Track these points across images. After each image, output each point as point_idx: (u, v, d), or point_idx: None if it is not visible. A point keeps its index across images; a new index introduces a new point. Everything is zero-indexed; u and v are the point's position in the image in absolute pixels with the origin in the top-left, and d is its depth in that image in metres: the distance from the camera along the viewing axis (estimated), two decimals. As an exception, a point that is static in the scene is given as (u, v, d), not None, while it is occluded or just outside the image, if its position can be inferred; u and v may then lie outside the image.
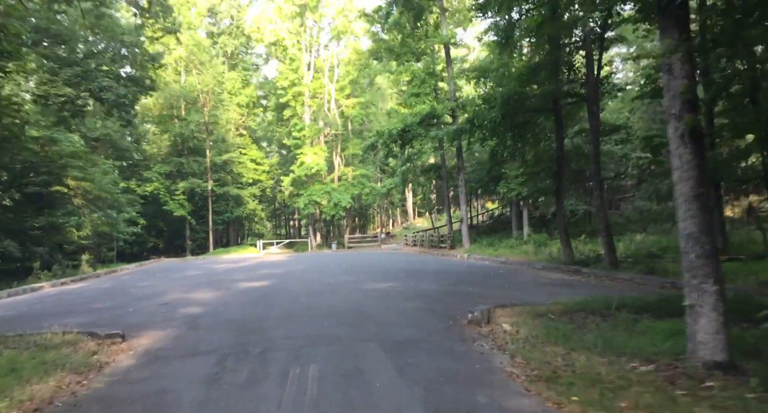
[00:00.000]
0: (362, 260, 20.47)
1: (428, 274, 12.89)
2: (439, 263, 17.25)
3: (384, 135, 23.51)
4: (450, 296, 8.41)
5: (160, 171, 33.58)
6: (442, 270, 14.11)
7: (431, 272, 13.35)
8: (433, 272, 13.63)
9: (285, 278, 12.64)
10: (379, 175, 42.14)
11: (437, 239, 27.73)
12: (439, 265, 16.42)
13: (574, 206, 21.33)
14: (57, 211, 18.27)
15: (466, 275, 12.55)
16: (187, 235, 35.89)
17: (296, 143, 35.49)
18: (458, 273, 12.99)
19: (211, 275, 14.79)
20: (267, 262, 21.31)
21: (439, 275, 12.40)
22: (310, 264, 18.34)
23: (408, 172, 28.51)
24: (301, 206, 34.06)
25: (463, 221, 24.59)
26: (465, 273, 12.99)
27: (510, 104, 12.16)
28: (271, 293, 9.79)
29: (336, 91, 36.78)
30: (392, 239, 42.46)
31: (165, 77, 33.66)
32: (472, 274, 12.75)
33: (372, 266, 16.24)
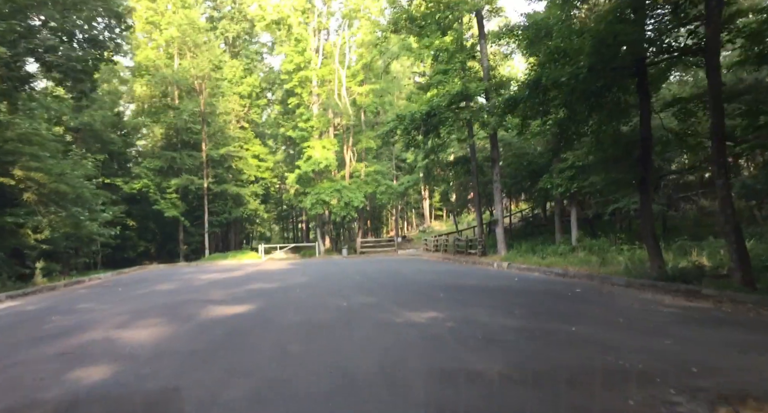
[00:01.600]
0: (380, 269, 17.09)
1: (475, 293, 9.48)
2: (477, 275, 13.81)
3: (405, 120, 20.15)
4: (547, 347, 4.98)
5: (149, 166, 30.53)
6: (490, 287, 10.66)
7: (478, 291, 9.93)
8: (480, 289, 10.20)
9: (277, 300, 9.29)
10: (395, 172, 38.77)
11: (465, 244, 24.28)
12: (478, 278, 12.98)
13: (629, 204, 17.69)
14: (16, 209, 15.21)
15: (530, 296, 9.11)
16: (180, 238, 32.80)
17: (302, 135, 32.23)
18: (516, 293, 9.55)
19: (183, 291, 11.52)
20: (264, 272, 18.02)
21: (492, 297, 8.97)
22: (316, 275, 15.00)
23: (431, 166, 25.06)
24: (307, 206, 30.77)
25: (499, 223, 21.15)
26: (526, 293, 9.55)
27: (602, 53, 8.72)
28: (248, 329, 6.44)
29: (347, 78, 33.52)
30: (409, 244, 39.05)
31: (155, 60, 30.68)
32: (537, 294, 9.30)
33: (394, 279, 12.85)
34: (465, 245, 24.34)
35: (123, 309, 8.55)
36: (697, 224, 19.25)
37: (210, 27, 38.91)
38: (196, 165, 32.63)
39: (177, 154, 31.54)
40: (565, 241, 19.97)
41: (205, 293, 10.70)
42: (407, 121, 20.15)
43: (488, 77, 20.52)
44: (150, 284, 14.27)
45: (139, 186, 29.98)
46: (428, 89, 22.24)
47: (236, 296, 9.99)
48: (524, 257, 18.55)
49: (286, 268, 19.80)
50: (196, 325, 6.71)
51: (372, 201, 36.22)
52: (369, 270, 16.58)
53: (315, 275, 14.87)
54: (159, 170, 31.57)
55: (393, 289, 10.47)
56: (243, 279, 14.33)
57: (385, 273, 15.04)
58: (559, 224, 21.57)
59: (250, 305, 8.46)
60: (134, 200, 33.10)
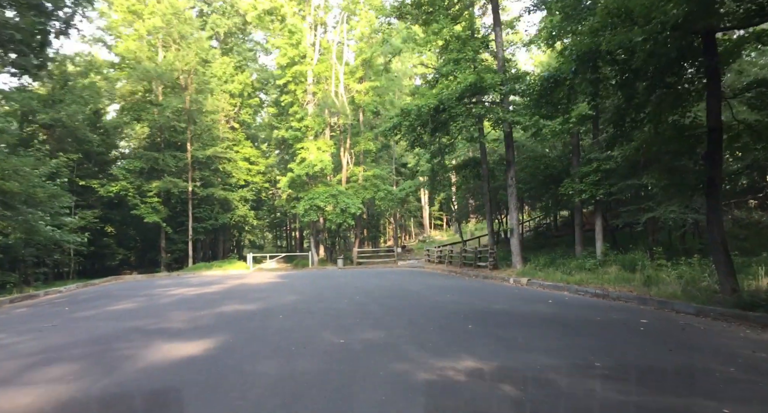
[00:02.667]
0: (382, 285, 14.82)
1: (513, 324, 7.26)
2: (499, 295, 11.57)
3: (411, 114, 18.01)
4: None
5: (128, 168, 28.24)
6: (526, 315, 8.45)
7: (515, 320, 7.71)
8: (516, 318, 7.97)
9: (251, 331, 7.03)
10: (395, 177, 36.59)
11: (473, 256, 22.07)
12: (503, 299, 10.74)
13: (677, 215, 15.44)
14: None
15: (590, 330, 6.88)
16: (162, 246, 30.43)
17: (296, 136, 30.01)
18: (567, 325, 7.31)
19: (139, 314, 9.25)
20: (248, 286, 15.72)
21: (540, 332, 6.72)
22: (307, 292, 12.73)
23: (438, 169, 22.88)
24: (300, 212, 28.49)
25: (514, 233, 18.99)
26: (580, 325, 7.31)
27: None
28: (190, 395, 4.14)
29: (345, 75, 31.42)
30: (409, 255, 36.80)
31: (137, 52, 28.48)
32: (596, 327, 7.08)
33: (402, 300, 10.60)
34: (473, 257, 22.15)
35: (31, 347, 6.25)
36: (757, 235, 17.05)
37: (200, 22, 36.86)
38: (180, 167, 30.36)
39: (159, 155, 29.26)
40: (588, 254, 17.83)
41: (164, 318, 8.43)
42: (413, 116, 18.02)
43: (503, 69, 18.48)
44: (108, 301, 11.98)
45: (116, 189, 27.67)
46: (435, 84, 20.15)
47: (200, 324, 7.72)
48: (545, 273, 16.38)
49: (274, 282, 17.51)
50: (112, 385, 4.41)
51: (370, 208, 34.01)
52: (370, 286, 14.31)
53: (306, 293, 12.60)
54: (140, 171, 29.29)
55: (404, 316, 8.23)
56: (219, 297, 12.04)
57: (389, 291, 12.79)
58: (580, 235, 19.39)
59: (210, 342, 6.19)
60: (113, 204, 30.82)
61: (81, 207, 27.73)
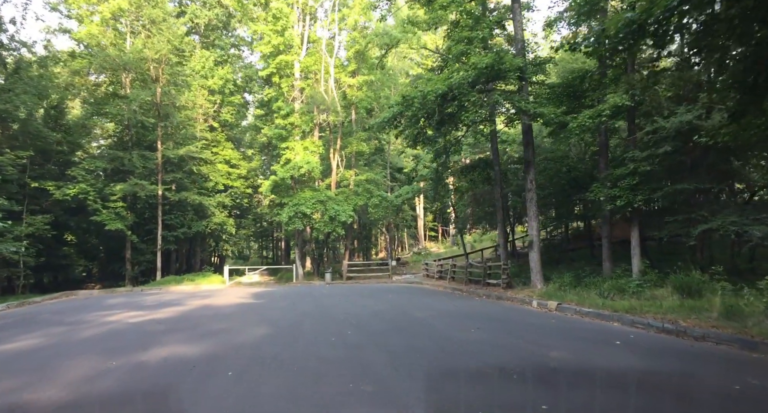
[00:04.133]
0: (378, 309, 11.89)
1: (612, 401, 4.42)
2: (536, 329, 8.72)
3: (414, 103, 15.23)
4: None
5: (88, 168, 25.13)
6: (612, 372, 5.63)
7: (603, 387, 4.87)
8: (601, 382, 5.13)
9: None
10: (389, 183, 33.74)
11: (482, 272, 19.25)
12: (548, 338, 7.88)
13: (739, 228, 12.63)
14: None
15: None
16: (127, 257, 27.22)
17: (280, 134, 27.06)
18: (696, 400, 4.49)
19: (19, 363, 6.28)
20: (210, 310, 12.74)
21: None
22: (281, 322, 9.80)
23: (442, 171, 20.05)
24: (283, 220, 25.48)
25: (534, 246, 16.22)
26: (712, 402, 4.50)
27: None
28: None
29: (336, 69, 28.68)
30: (404, 268, 33.87)
31: (99, 38, 25.52)
32: (740, 406, 4.26)
33: (411, 339, 7.70)
34: (482, 274, 19.32)
35: None
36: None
37: (177, 11, 34.01)
38: (149, 168, 27.28)
39: (125, 154, 26.19)
40: (622, 272, 15.03)
41: (45, 376, 5.48)
42: (416, 105, 15.23)
43: (522, 52, 15.85)
44: (9, 335, 8.97)
45: (74, 192, 24.51)
46: (442, 71, 17.45)
47: (84, 393, 4.77)
48: (577, 295, 13.61)
49: (245, 303, 14.51)
50: None
51: (362, 217, 31.12)
52: (363, 313, 11.39)
53: (280, 324, 9.65)
54: (102, 173, 26.22)
55: (418, 370, 5.34)
56: (162, 329, 9.07)
57: (389, 321, 9.89)
58: (609, 250, 16.64)
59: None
60: (73, 210, 27.63)
61: (35, 212, 24.57)
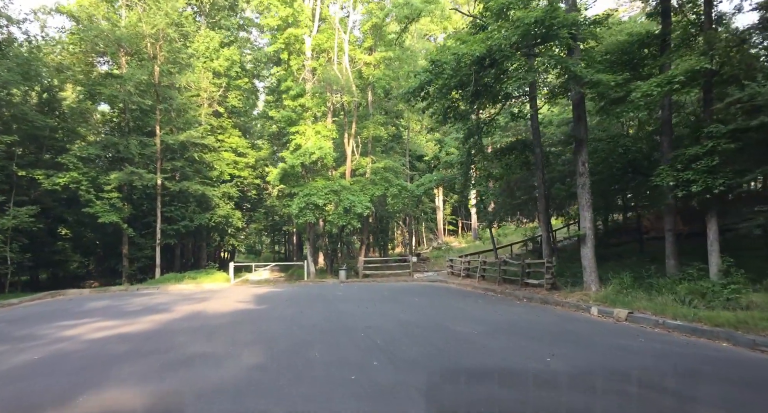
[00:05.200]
0: (409, 322, 9.48)
1: None
2: (635, 357, 6.27)
3: (446, 69, 12.75)
4: None
5: (80, 155, 23.04)
6: None
7: None
8: None
9: None
10: (409, 172, 31.25)
11: (519, 270, 16.80)
12: (680, 381, 5.43)
13: None
14: None
15: None
16: (124, 252, 25.18)
17: (289, 118, 24.70)
18: None
19: None
20: (200, 319, 10.48)
21: None
22: (282, 345, 7.46)
23: (476, 153, 17.52)
24: (293, 211, 23.18)
25: (588, 240, 13.70)
26: None
27: None
28: None
29: (351, 46, 26.19)
30: (424, 264, 31.43)
31: (91, 10, 23.35)
32: None
33: (461, 370, 5.30)
34: (519, 272, 16.87)
35: None
36: None
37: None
38: (147, 156, 25.17)
39: (120, 140, 24.06)
40: (696, 272, 12.44)
41: None
42: (448, 71, 12.76)
43: (573, 10, 13.31)
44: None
45: (64, 181, 22.46)
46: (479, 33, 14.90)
47: None
48: (649, 301, 11.14)
49: (245, 310, 12.23)
50: None
51: (379, 208, 28.72)
52: (388, 325, 9.01)
53: (280, 344, 7.32)
54: (97, 160, 24.15)
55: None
56: (121, 352, 6.80)
57: (423, 337, 7.52)
58: (674, 245, 14.03)
59: None
60: (68, 201, 25.68)
61: (23, 204, 22.60)
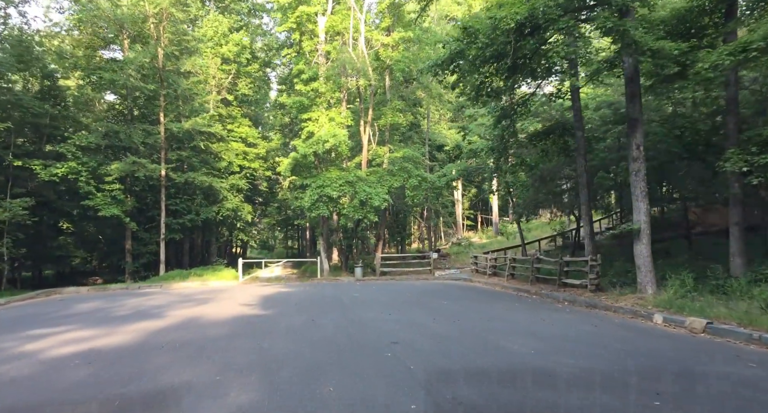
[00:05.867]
0: (441, 332, 7.80)
1: None
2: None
3: (479, 37, 11.00)
4: None
5: (79, 143, 21.72)
6: None
7: None
8: None
9: None
10: (429, 163, 29.51)
11: (557, 268, 15.04)
12: None
13: None
14: None
15: None
16: (127, 248, 23.87)
17: (301, 103, 23.11)
18: None
19: None
20: (195, 327, 8.96)
21: None
22: (290, 367, 5.85)
23: (508, 137, 15.74)
24: (306, 204, 21.62)
25: (643, 235, 11.90)
26: None
27: None
28: None
29: (367, 28, 24.49)
30: (445, 261, 29.73)
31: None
32: None
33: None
34: (557, 271, 15.10)
35: None
36: None
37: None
38: (150, 145, 23.79)
39: (121, 127, 22.70)
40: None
41: None
42: (483, 40, 11.00)
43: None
44: None
45: (62, 171, 21.19)
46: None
47: None
48: (726, 308, 9.35)
49: (248, 317, 10.68)
50: None
51: (396, 201, 27.06)
52: (419, 339, 7.35)
53: (282, 373, 5.69)
54: (96, 149, 22.79)
55: None
56: (76, 380, 5.25)
57: (468, 359, 5.84)
58: (741, 241, 12.16)
59: None
60: (69, 193, 24.44)
61: (19, 196, 21.35)
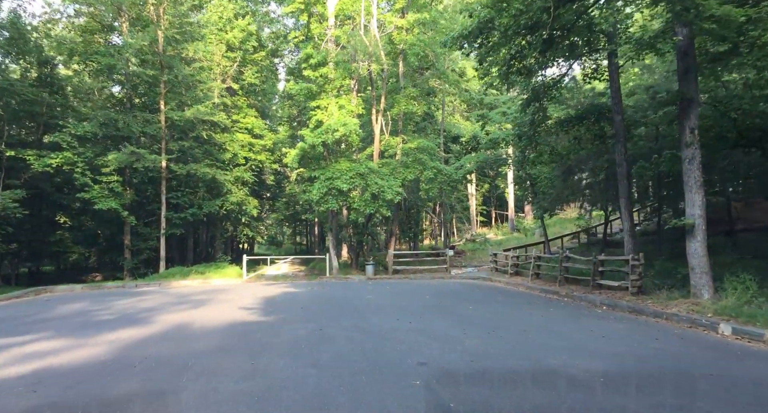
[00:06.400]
0: (478, 349, 6.41)
1: None
2: None
3: (512, 4, 9.57)
4: None
5: (75, 132, 20.54)
6: None
7: None
8: None
9: None
10: (444, 155, 28.06)
11: (590, 268, 13.62)
12: None
13: None
14: None
15: None
16: (126, 243, 22.71)
17: (308, 90, 21.76)
18: None
19: None
20: (181, 337, 7.68)
21: None
22: (292, 405, 4.53)
23: (539, 121, 14.26)
24: (314, 197, 20.28)
25: (698, 231, 10.44)
26: None
27: None
28: None
29: (379, 10, 23.07)
30: (460, 258, 28.30)
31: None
32: None
33: None
34: (591, 271, 13.68)
35: None
36: None
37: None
38: (151, 135, 22.58)
39: (119, 115, 21.50)
40: None
41: None
42: (517, 6, 9.58)
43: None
44: None
45: (56, 162, 20.05)
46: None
47: None
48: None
49: (246, 324, 9.38)
50: None
51: (409, 195, 25.68)
52: (453, 358, 5.98)
53: (281, 406, 4.36)
54: (93, 139, 21.62)
55: None
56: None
57: (520, 390, 4.46)
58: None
59: None
60: (66, 186, 23.33)
61: (14, 188, 20.24)
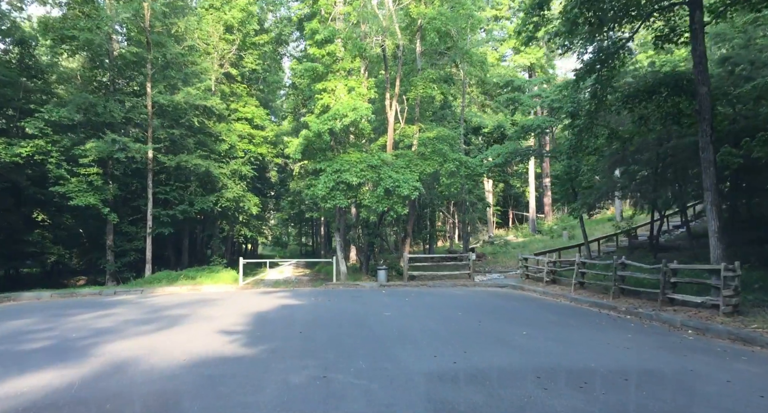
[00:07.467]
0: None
1: None
2: None
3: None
4: None
5: (49, 118, 18.13)
6: None
7: None
8: None
9: None
10: (465, 147, 25.44)
11: (659, 279, 11.03)
12: None
13: None
14: None
15: None
16: (108, 244, 20.29)
17: (314, 70, 19.26)
18: None
19: None
20: (119, 386, 5.09)
21: None
22: None
23: (602, 95, 11.61)
24: (319, 192, 17.72)
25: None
26: None
27: None
28: None
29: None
30: (481, 262, 25.68)
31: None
32: None
33: None
34: (659, 282, 11.09)
35: None
36: None
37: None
38: (136, 122, 20.17)
39: (98, 99, 19.09)
40: None
41: None
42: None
43: None
44: None
45: (27, 151, 17.69)
46: None
47: None
48: None
49: (221, 361, 6.85)
50: None
51: (427, 191, 23.11)
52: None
53: None
54: (70, 126, 19.26)
55: None
56: None
57: None
58: None
59: None
60: (44, 179, 20.99)
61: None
